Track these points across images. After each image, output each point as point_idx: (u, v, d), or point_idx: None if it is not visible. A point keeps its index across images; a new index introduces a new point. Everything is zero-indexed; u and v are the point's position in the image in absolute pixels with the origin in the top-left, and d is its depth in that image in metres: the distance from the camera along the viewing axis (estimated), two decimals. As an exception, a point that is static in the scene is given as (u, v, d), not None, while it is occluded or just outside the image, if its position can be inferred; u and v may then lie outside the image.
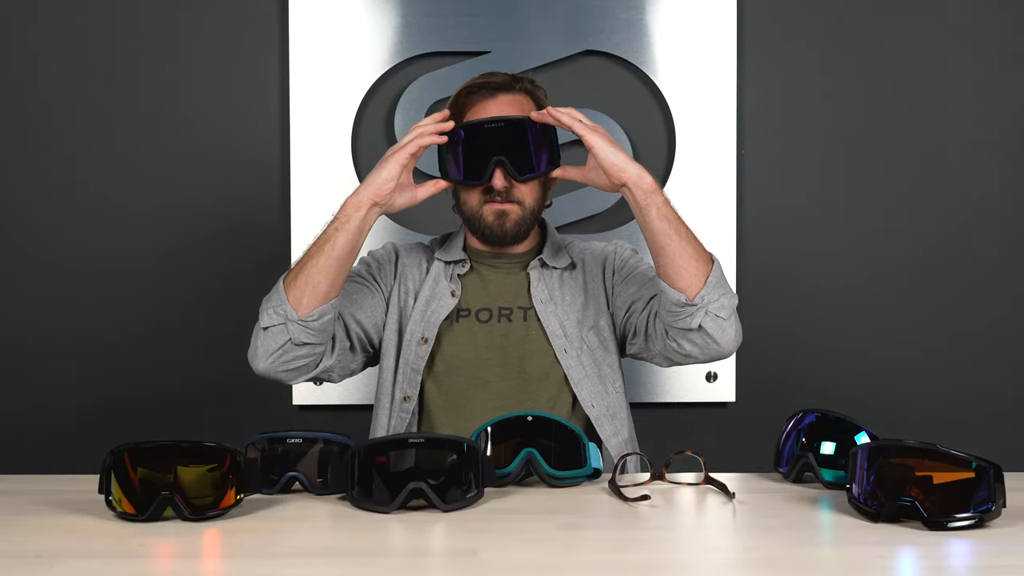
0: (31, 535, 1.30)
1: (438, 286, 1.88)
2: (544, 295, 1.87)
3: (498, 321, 1.86)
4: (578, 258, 1.92)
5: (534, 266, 1.88)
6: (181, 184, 2.41)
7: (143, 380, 2.41)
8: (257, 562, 1.21)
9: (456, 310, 1.86)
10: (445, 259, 1.90)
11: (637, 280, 1.86)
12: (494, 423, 1.56)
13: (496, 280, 1.89)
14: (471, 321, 1.86)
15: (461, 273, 1.89)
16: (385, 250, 1.95)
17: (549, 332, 1.84)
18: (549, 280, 1.89)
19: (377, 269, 1.91)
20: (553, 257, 1.90)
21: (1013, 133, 2.46)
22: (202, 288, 2.42)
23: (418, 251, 1.94)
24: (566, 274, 1.90)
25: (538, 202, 1.85)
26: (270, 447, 1.53)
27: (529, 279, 1.88)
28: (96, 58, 2.39)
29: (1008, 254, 2.47)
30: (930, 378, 2.47)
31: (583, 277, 1.90)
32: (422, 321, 1.85)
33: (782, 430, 1.64)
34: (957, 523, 1.30)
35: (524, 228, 1.84)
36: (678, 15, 2.41)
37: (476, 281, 1.89)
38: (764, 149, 2.44)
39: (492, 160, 1.77)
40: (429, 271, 1.89)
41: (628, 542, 1.30)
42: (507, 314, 1.86)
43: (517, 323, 1.86)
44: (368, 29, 2.39)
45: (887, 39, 2.44)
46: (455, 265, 1.89)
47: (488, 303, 1.87)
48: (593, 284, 1.90)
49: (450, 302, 1.85)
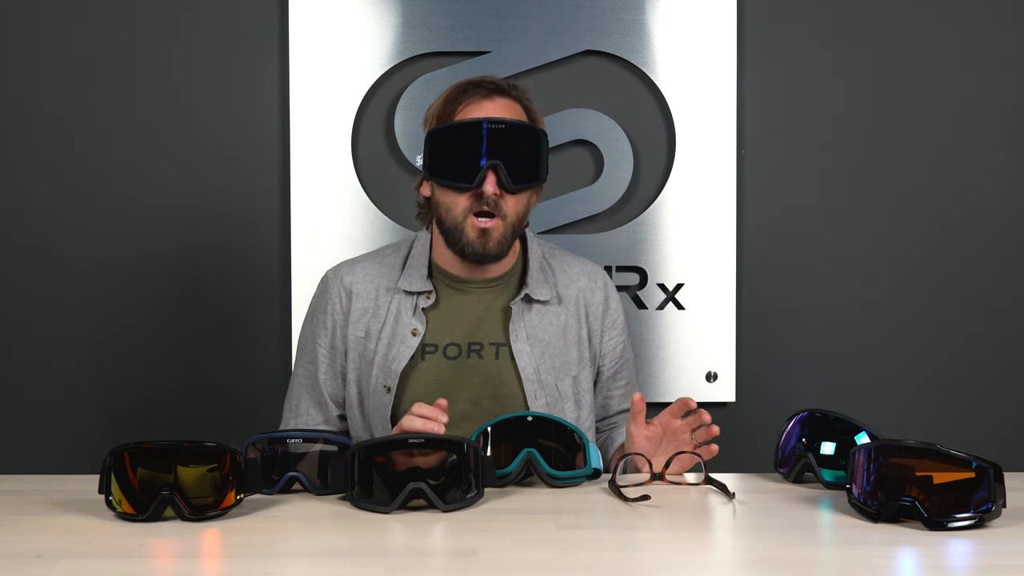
0: (31, 535, 1.30)
1: (399, 325, 1.75)
2: (522, 334, 1.76)
3: (467, 357, 1.75)
4: (564, 290, 1.83)
5: (516, 301, 1.77)
6: (181, 183, 2.41)
7: (143, 380, 2.41)
8: (257, 562, 1.21)
9: (422, 346, 1.74)
10: (408, 290, 1.77)
11: (619, 384, 1.90)
12: (494, 423, 1.56)
13: (467, 310, 1.77)
14: (438, 358, 1.74)
15: (426, 307, 1.76)
16: (332, 294, 1.80)
17: (523, 376, 1.75)
18: (529, 318, 1.78)
19: (325, 335, 1.80)
20: (537, 286, 1.79)
21: (1013, 133, 2.46)
22: (202, 287, 2.42)
23: (372, 280, 1.80)
24: (548, 310, 1.79)
25: (520, 218, 1.74)
26: (270, 447, 1.53)
27: (507, 313, 1.77)
28: (96, 58, 2.39)
29: (1008, 254, 2.47)
30: (930, 378, 2.47)
31: (566, 318, 1.81)
32: (384, 367, 1.74)
33: (782, 430, 1.64)
34: (957, 523, 1.30)
35: (506, 246, 1.73)
36: (678, 15, 2.41)
37: (444, 312, 1.77)
38: (764, 149, 2.44)
39: (487, 164, 1.67)
40: (390, 307, 1.77)
41: (628, 542, 1.30)
42: (477, 350, 1.75)
43: (488, 360, 1.75)
44: (368, 29, 2.39)
45: (887, 39, 2.44)
46: (419, 297, 1.77)
47: (457, 338, 1.76)
48: (576, 328, 1.82)
49: (412, 342, 1.74)
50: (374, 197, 2.39)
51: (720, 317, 2.42)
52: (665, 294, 2.41)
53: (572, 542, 1.28)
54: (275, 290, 2.40)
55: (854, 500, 1.38)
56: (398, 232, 2.38)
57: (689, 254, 2.42)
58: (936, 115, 2.45)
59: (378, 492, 1.40)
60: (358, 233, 2.39)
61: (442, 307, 1.78)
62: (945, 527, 1.30)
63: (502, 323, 1.78)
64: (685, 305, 2.41)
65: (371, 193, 2.39)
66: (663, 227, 2.42)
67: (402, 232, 2.37)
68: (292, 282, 2.37)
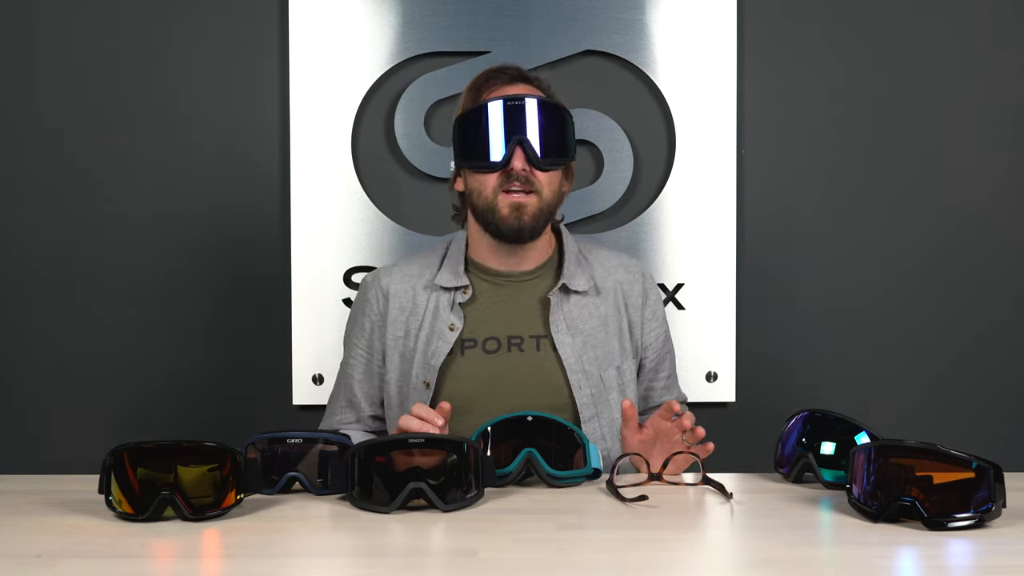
0: (31, 535, 1.30)
1: (436, 321, 1.76)
2: (563, 325, 1.76)
3: (508, 351, 1.75)
4: (602, 282, 1.82)
5: (554, 292, 1.77)
6: (181, 185, 2.41)
7: (143, 380, 2.41)
8: (257, 562, 1.21)
9: (460, 341, 1.75)
10: (445, 285, 1.78)
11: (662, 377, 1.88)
12: (494, 423, 1.56)
13: (505, 304, 1.78)
14: (477, 352, 1.75)
15: (463, 301, 1.77)
16: (371, 297, 1.82)
17: (567, 366, 1.74)
18: (568, 308, 1.77)
19: (361, 336, 1.83)
20: (574, 277, 1.79)
21: (1014, 134, 2.46)
22: (202, 288, 2.42)
23: (411, 279, 1.81)
24: (587, 301, 1.79)
25: (555, 196, 1.74)
26: (270, 447, 1.53)
27: (545, 304, 1.77)
28: (95, 58, 2.39)
29: (1009, 254, 2.47)
30: (931, 378, 2.47)
31: (605, 309, 1.80)
32: (423, 364, 1.75)
33: (782, 430, 1.64)
34: (957, 523, 1.30)
35: (541, 223, 1.73)
36: (678, 15, 2.41)
37: (482, 306, 1.78)
38: (764, 149, 2.44)
39: (513, 139, 1.67)
40: (427, 305, 1.78)
41: (628, 542, 1.30)
42: (518, 343, 1.75)
43: (529, 353, 1.75)
44: (368, 29, 2.39)
45: (887, 39, 2.44)
46: (456, 292, 1.78)
47: (496, 331, 1.76)
48: (616, 320, 1.81)
49: (450, 338, 1.74)
50: (374, 197, 2.39)
51: (720, 317, 2.42)
52: (665, 294, 2.41)
53: (572, 542, 1.28)
54: (275, 290, 2.40)
55: (854, 500, 1.38)
56: (398, 232, 2.38)
57: (689, 254, 2.42)
58: (937, 115, 2.45)
59: (378, 492, 1.40)
60: (358, 233, 2.38)
61: (479, 302, 1.78)
62: (945, 527, 1.30)
63: (541, 315, 1.77)
64: (685, 305, 2.41)
65: (371, 193, 2.39)
66: (663, 227, 2.42)
67: (402, 232, 2.38)
68: (292, 282, 2.37)
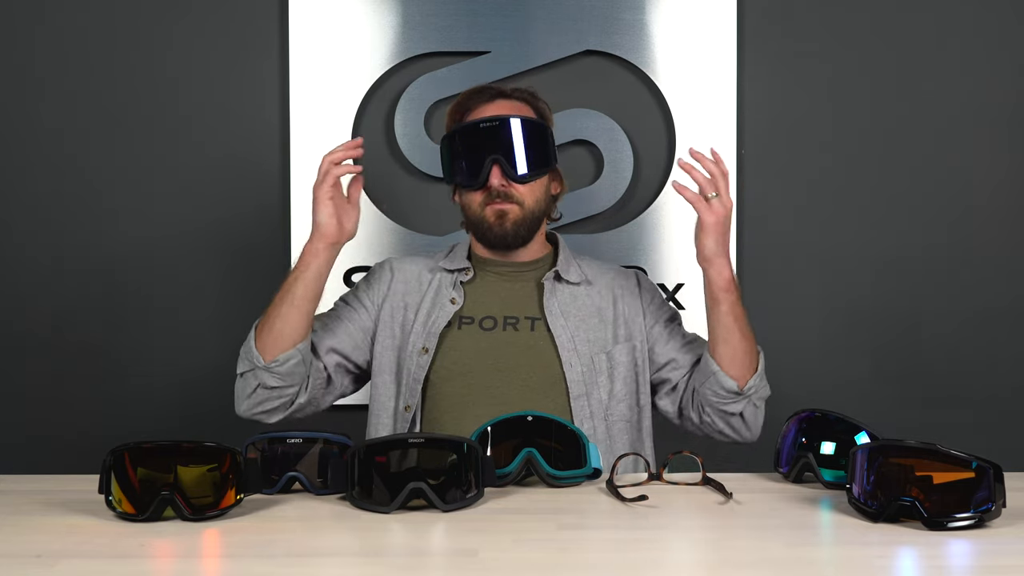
0: (31, 535, 1.30)
1: (439, 296, 1.87)
2: (556, 308, 1.85)
3: (503, 329, 1.84)
4: (593, 277, 1.91)
5: (548, 277, 1.87)
6: (181, 184, 2.41)
7: (143, 380, 2.41)
8: (257, 562, 1.21)
9: (458, 317, 1.85)
10: (448, 267, 1.90)
11: (678, 339, 1.89)
12: (494, 423, 1.56)
13: (503, 288, 1.88)
14: (474, 328, 1.85)
15: (464, 280, 1.88)
16: (380, 268, 1.94)
17: (559, 343, 1.82)
18: (562, 293, 1.87)
19: (366, 290, 1.91)
20: (567, 272, 1.89)
21: (1014, 134, 2.46)
22: (202, 288, 2.42)
23: (419, 263, 1.94)
24: (579, 290, 1.89)
25: (539, 203, 1.85)
26: (270, 447, 1.53)
27: (540, 289, 1.87)
28: (96, 57, 2.39)
29: (1008, 253, 2.46)
30: (930, 378, 2.47)
31: (597, 299, 1.89)
32: (423, 332, 1.84)
33: (782, 430, 1.64)
34: (957, 523, 1.30)
35: (526, 228, 1.84)
36: (678, 15, 2.41)
37: (481, 289, 1.88)
38: (764, 149, 2.44)
39: (488, 159, 1.78)
40: (431, 283, 1.89)
41: (628, 542, 1.30)
42: (513, 323, 1.85)
43: (524, 332, 1.84)
44: (368, 29, 2.39)
45: (887, 39, 2.44)
46: (458, 273, 1.89)
47: (493, 311, 1.86)
48: (610, 311, 1.88)
49: (450, 309, 1.85)
50: (374, 197, 2.39)
51: (720, 317, 2.41)
52: (665, 294, 2.41)
53: (572, 542, 1.28)
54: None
55: (854, 500, 1.38)
56: (398, 232, 2.38)
57: (689, 254, 2.37)
58: (936, 115, 2.45)
59: (378, 492, 1.40)
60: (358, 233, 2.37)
61: (479, 284, 1.89)
62: (945, 527, 1.30)
63: (537, 299, 1.87)
64: (685, 305, 2.41)
65: (371, 193, 2.39)
66: (663, 227, 2.42)
67: (402, 232, 2.38)
68: (292, 282, 2.37)
